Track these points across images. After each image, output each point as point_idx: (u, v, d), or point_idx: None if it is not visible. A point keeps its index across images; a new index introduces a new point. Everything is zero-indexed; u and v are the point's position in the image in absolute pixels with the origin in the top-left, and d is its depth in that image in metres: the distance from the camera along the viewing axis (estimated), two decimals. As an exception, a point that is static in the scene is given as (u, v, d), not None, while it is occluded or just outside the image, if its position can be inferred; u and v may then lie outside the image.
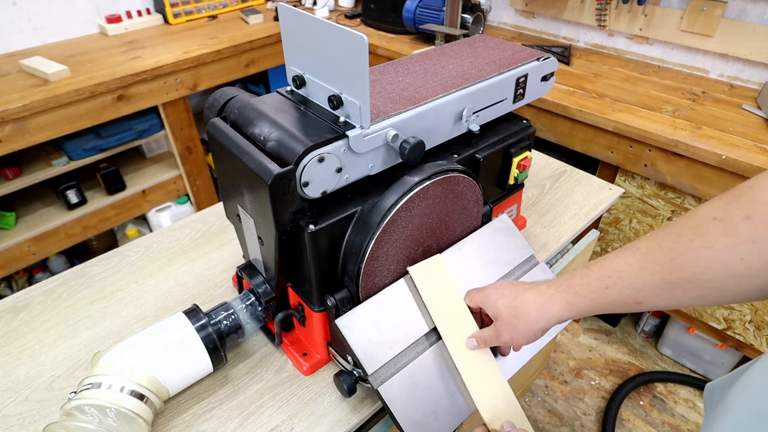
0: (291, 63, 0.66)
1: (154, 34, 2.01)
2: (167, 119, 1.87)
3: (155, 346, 0.65)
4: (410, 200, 0.63)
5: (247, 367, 0.74)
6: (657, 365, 1.83)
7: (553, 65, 0.80)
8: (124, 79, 1.64)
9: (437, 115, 0.67)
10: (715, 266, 0.48)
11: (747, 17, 1.55)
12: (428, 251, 0.72)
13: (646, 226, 1.56)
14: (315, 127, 0.59)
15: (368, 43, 0.51)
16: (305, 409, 0.69)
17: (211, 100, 0.69)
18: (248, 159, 0.57)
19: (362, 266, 0.62)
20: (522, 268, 0.74)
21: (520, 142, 0.80)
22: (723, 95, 1.57)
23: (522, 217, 0.99)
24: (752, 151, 1.27)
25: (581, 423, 1.66)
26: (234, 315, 0.71)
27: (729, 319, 1.50)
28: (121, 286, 0.89)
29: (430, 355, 0.64)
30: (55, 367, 0.75)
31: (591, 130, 1.50)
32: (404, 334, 0.64)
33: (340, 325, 0.62)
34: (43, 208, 1.81)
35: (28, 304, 0.85)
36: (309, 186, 0.57)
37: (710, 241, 0.48)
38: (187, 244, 0.98)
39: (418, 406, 0.60)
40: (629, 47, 1.84)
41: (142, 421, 0.60)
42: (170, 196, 2.06)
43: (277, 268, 0.65)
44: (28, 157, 1.73)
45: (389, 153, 0.64)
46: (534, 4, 1.99)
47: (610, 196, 1.08)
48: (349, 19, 2.21)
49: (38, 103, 1.49)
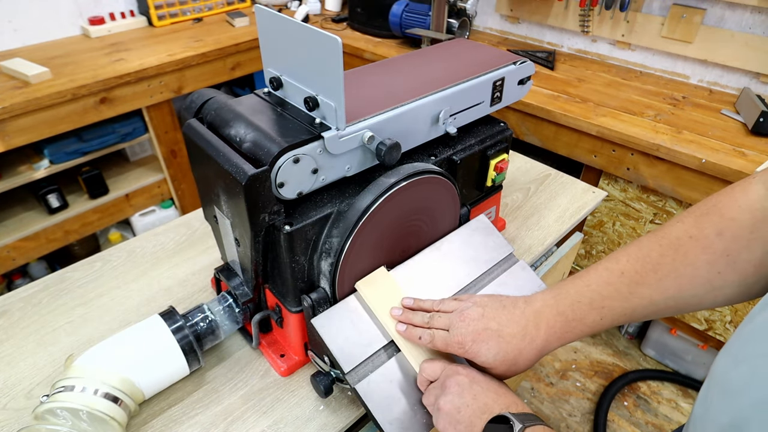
0: (268, 65, 0.66)
1: (138, 37, 2.00)
2: (151, 122, 1.86)
3: (130, 348, 0.65)
4: (386, 201, 0.63)
5: (232, 372, 0.74)
6: (641, 366, 1.84)
7: (529, 69, 0.80)
8: (107, 82, 1.63)
9: (414, 118, 0.68)
10: (697, 282, 0.51)
11: (725, 24, 1.58)
12: (406, 252, 0.72)
13: (629, 229, 1.58)
14: (291, 128, 0.59)
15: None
16: (290, 414, 0.68)
17: (189, 101, 0.69)
18: (223, 160, 0.57)
19: (338, 267, 0.62)
20: (501, 266, 0.74)
21: (498, 144, 0.81)
22: (703, 100, 1.60)
23: (501, 218, 0.99)
24: (731, 155, 1.30)
25: (567, 424, 1.67)
26: (211, 317, 0.71)
27: (710, 320, 1.52)
28: (103, 291, 0.88)
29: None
30: (35, 374, 0.74)
31: (575, 135, 1.51)
32: (381, 333, 0.64)
33: (316, 324, 0.62)
34: (24, 212, 1.79)
35: (6, 311, 0.84)
36: (284, 187, 0.57)
37: (691, 259, 0.51)
38: (171, 248, 0.97)
39: (396, 404, 0.60)
40: (612, 53, 1.87)
41: (115, 423, 0.60)
42: (154, 200, 2.04)
43: (254, 270, 0.65)
44: (7, 161, 1.71)
45: (366, 154, 0.64)
46: (519, 10, 2.01)
47: (593, 200, 1.09)
48: (335, 23, 2.22)
49: (18, 105, 1.47)
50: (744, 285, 0.50)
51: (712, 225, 0.50)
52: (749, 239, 0.48)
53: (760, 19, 1.51)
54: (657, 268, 0.52)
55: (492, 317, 0.56)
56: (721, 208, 0.51)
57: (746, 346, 0.39)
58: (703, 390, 0.44)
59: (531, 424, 0.48)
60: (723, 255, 0.49)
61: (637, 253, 0.54)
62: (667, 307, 0.53)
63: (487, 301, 0.58)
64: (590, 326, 0.55)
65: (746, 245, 0.48)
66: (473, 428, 0.51)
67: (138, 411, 0.66)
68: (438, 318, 0.59)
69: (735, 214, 0.49)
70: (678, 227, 0.53)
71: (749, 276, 0.49)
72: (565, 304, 0.55)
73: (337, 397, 0.70)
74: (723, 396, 0.39)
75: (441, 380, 0.56)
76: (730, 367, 0.40)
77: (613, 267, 0.55)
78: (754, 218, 0.48)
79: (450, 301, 0.61)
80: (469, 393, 0.53)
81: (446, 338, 0.56)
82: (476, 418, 0.51)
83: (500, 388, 0.54)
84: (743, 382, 0.37)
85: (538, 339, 0.54)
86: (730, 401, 0.38)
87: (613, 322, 0.55)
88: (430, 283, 0.70)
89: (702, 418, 0.42)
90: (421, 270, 0.71)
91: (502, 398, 0.53)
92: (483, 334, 0.54)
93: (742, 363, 0.38)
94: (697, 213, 0.53)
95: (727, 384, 0.39)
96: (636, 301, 0.53)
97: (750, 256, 0.48)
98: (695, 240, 0.51)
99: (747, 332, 0.40)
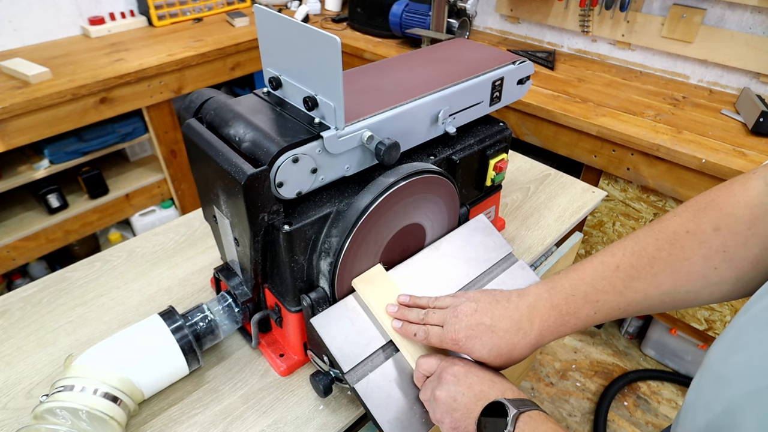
0: (267, 65, 0.66)
1: (138, 37, 2.00)
2: (151, 122, 1.86)
3: (129, 348, 0.65)
4: (386, 200, 0.63)
5: (232, 372, 0.74)
6: (641, 366, 1.84)
7: (528, 69, 0.80)
8: (107, 82, 1.63)
9: (413, 117, 0.68)
10: (693, 278, 0.50)
11: (725, 24, 1.58)
12: (405, 252, 0.72)
13: (629, 229, 1.58)
14: (290, 128, 0.59)
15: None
16: (290, 414, 0.68)
17: (188, 101, 0.69)
18: (222, 159, 0.57)
19: (338, 266, 0.62)
20: (500, 266, 0.74)
21: (497, 144, 0.81)
22: (703, 100, 1.60)
23: (501, 218, 1.00)
24: (731, 155, 1.30)
25: (567, 424, 1.67)
26: (210, 316, 0.71)
27: (710, 320, 1.52)
28: (102, 291, 0.88)
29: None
30: (35, 374, 0.74)
31: (575, 135, 1.51)
32: (380, 333, 0.64)
33: (315, 324, 0.62)
34: (23, 212, 1.79)
35: (6, 311, 0.84)
36: (284, 186, 0.57)
37: (687, 254, 0.50)
38: (170, 248, 0.97)
39: (396, 403, 0.60)
40: (612, 53, 1.86)
41: (115, 423, 0.60)
42: (154, 200, 2.04)
43: (253, 269, 0.65)
44: (7, 161, 1.71)
45: (365, 154, 0.64)
46: (519, 10, 2.01)
47: (593, 199, 1.09)
48: (335, 23, 2.22)
49: (18, 105, 1.47)
50: (740, 281, 0.49)
51: (710, 220, 0.50)
52: (747, 235, 0.48)
53: (760, 19, 1.51)
54: (653, 263, 0.52)
55: (485, 312, 0.55)
56: (720, 203, 0.50)
57: (741, 336, 0.39)
58: (696, 378, 0.44)
59: (526, 409, 0.48)
60: (720, 250, 0.49)
61: (633, 246, 0.54)
62: (662, 302, 0.53)
63: (480, 296, 0.58)
64: (584, 320, 0.54)
65: (743, 241, 0.48)
66: (469, 415, 0.51)
67: (137, 411, 0.66)
68: (433, 314, 0.59)
69: (733, 209, 0.49)
70: (675, 221, 0.52)
71: (746, 272, 0.49)
72: (559, 298, 0.55)
73: (337, 396, 0.70)
74: (716, 384, 0.39)
75: (437, 373, 0.56)
76: (724, 355, 0.40)
77: (608, 260, 0.55)
78: (753, 214, 0.48)
79: (445, 298, 0.62)
80: (465, 382, 0.53)
81: (440, 334, 0.57)
82: (472, 405, 0.51)
83: (495, 376, 0.55)
84: (738, 371, 0.37)
85: (532, 333, 0.54)
86: (724, 389, 0.38)
87: (607, 316, 0.54)
88: (429, 283, 0.70)
89: (694, 405, 0.42)
90: (421, 269, 0.71)
91: (498, 385, 0.53)
92: (476, 330, 0.54)
93: (738, 352, 0.38)
94: (695, 207, 0.52)
95: (721, 372, 0.39)
96: (631, 295, 0.53)
97: (747, 253, 0.48)
98: (692, 235, 0.50)
99: (743, 322, 0.40)
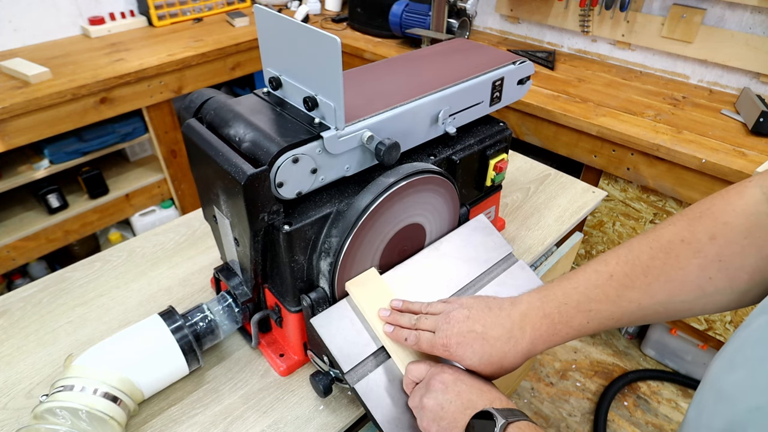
0: (267, 65, 0.66)
1: (138, 37, 2.00)
2: (151, 122, 1.86)
3: (129, 347, 0.65)
4: (386, 201, 0.63)
5: (232, 372, 0.74)
6: (641, 366, 1.84)
7: (528, 69, 0.80)
8: (107, 82, 1.63)
9: (413, 117, 0.68)
10: (688, 288, 0.49)
11: (725, 24, 1.58)
12: (405, 252, 0.72)
13: (629, 229, 1.58)
14: (290, 128, 0.59)
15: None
16: (290, 414, 0.68)
17: (188, 101, 0.69)
18: (222, 160, 0.57)
19: (338, 266, 0.62)
20: (500, 266, 0.74)
21: (497, 144, 0.81)
22: (703, 100, 1.60)
23: (501, 218, 1.00)
24: (731, 155, 1.30)
25: (567, 424, 1.67)
26: (210, 316, 0.71)
27: (710, 320, 1.52)
28: (102, 291, 0.88)
29: None
30: (35, 374, 0.74)
31: (575, 135, 1.51)
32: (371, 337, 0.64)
33: (315, 324, 0.62)
34: (23, 212, 1.79)
35: (6, 311, 0.84)
36: (284, 186, 0.57)
37: (682, 263, 0.49)
38: (170, 248, 0.97)
39: (396, 403, 0.60)
40: (612, 53, 1.86)
41: (115, 423, 0.60)
42: (154, 200, 2.04)
43: (253, 269, 0.65)
44: (7, 161, 1.71)
45: (365, 154, 0.64)
46: (519, 10, 2.01)
47: (593, 199, 1.09)
48: (335, 23, 2.22)
49: (18, 105, 1.47)
50: (736, 292, 0.48)
51: (705, 229, 0.49)
52: (743, 245, 0.47)
53: (760, 19, 1.51)
54: (647, 272, 0.51)
55: (477, 319, 0.55)
56: (715, 211, 0.49)
57: (743, 350, 0.38)
58: (697, 393, 0.43)
59: (515, 419, 0.48)
60: (715, 260, 0.48)
61: (627, 255, 0.53)
62: (656, 312, 0.52)
63: (473, 302, 0.58)
64: (577, 329, 0.53)
65: (739, 251, 0.47)
66: (456, 424, 0.50)
67: (137, 410, 0.66)
68: (425, 320, 0.59)
69: (729, 218, 0.48)
70: (670, 230, 0.51)
71: (742, 283, 0.47)
72: (552, 307, 0.54)
73: (337, 396, 0.70)
74: (718, 400, 0.38)
75: (426, 380, 0.56)
76: (725, 371, 0.39)
77: (602, 269, 0.54)
78: (749, 223, 0.47)
79: (437, 304, 0.61)
80: (453, 390, 0.52)
81: (431, 340, 0.56)
82: (459, 414, 0.51)
83: (485, 385, 0.54)
84: (739, 387, 0.36)
85: (523, 342, 0.53)
86: (725, 406, 0.37)
87: (600, 325, 0.53)
88: (429, 283, 0.70)
89: (696, 421, 0.42)
90: (421, 270, 0.71)
91: (487, 394, 0.52)
92: (468, 337, 0.54)
93: (739, 367, 0.37)
94: (690, 216, 0.51)
95: (722, 388, 0.38)
96: (624, 305, 0.52)
97: (743, 263, 0.47)
98: (687, 244, 0.49)
99: (744, 336, 0.39)
